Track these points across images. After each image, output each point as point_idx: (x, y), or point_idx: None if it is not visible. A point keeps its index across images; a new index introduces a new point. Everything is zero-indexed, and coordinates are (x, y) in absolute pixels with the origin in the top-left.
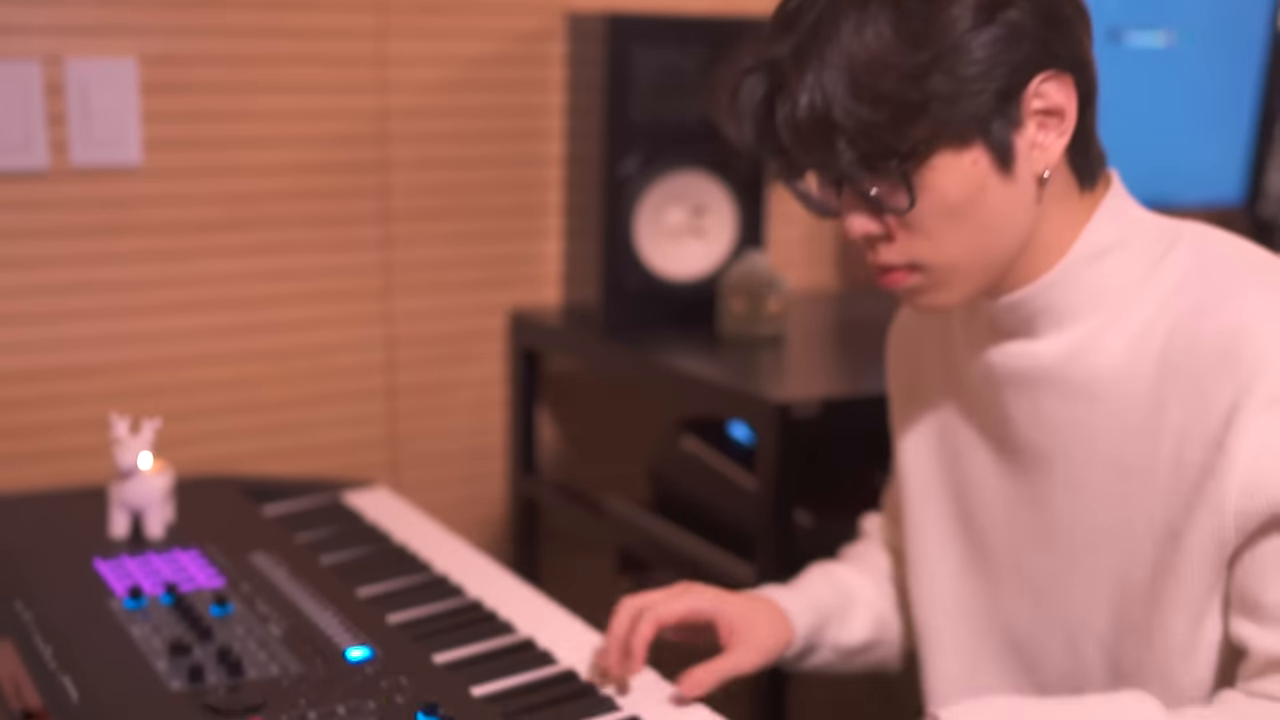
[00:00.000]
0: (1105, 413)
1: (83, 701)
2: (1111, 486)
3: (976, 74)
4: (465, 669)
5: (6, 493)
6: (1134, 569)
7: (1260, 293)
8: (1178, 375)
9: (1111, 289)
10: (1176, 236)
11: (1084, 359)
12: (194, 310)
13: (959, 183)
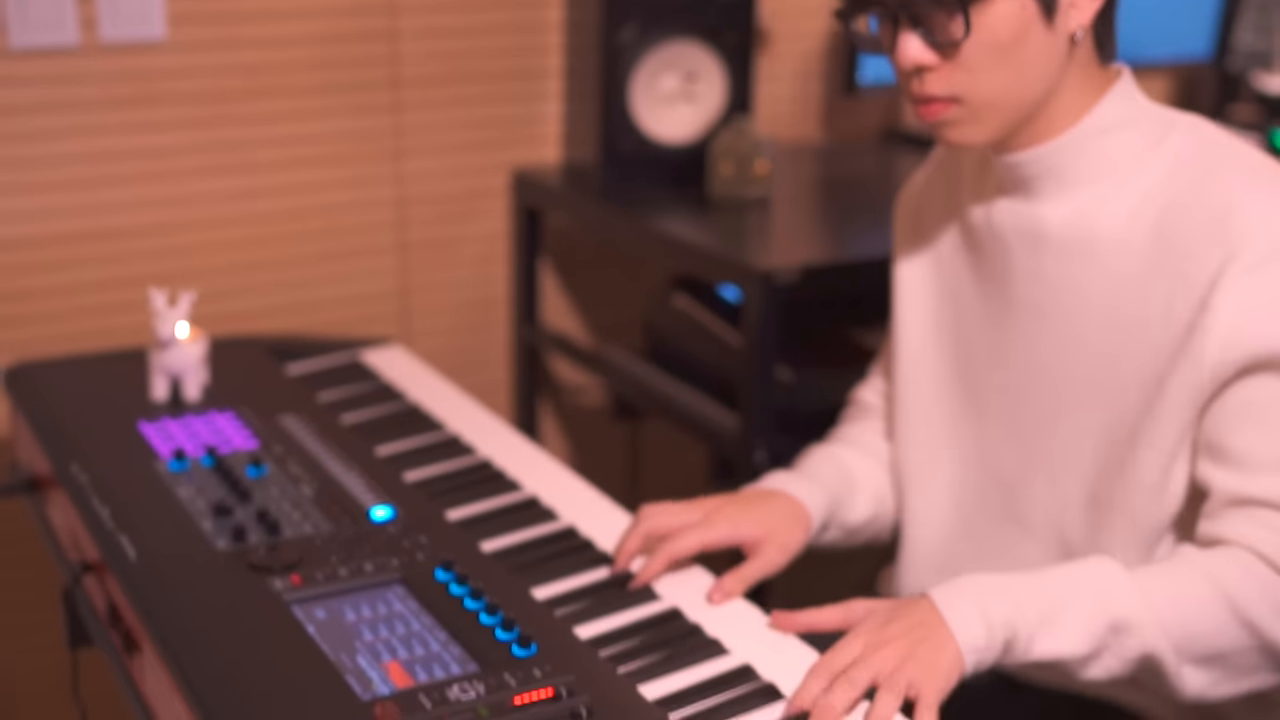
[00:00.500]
0: (1101, 272)
1: (140, 560)
2: (1102, 339)
3: None
4: (476, 526)
5: (51, 357)
6: (1118, 413)
7: (1248, 177)
8: (1171, 243)
9: (1114, 162)
10: (1175, 123)
11: (1084, 223)
12: (216, 175)
13: (1008, 22)
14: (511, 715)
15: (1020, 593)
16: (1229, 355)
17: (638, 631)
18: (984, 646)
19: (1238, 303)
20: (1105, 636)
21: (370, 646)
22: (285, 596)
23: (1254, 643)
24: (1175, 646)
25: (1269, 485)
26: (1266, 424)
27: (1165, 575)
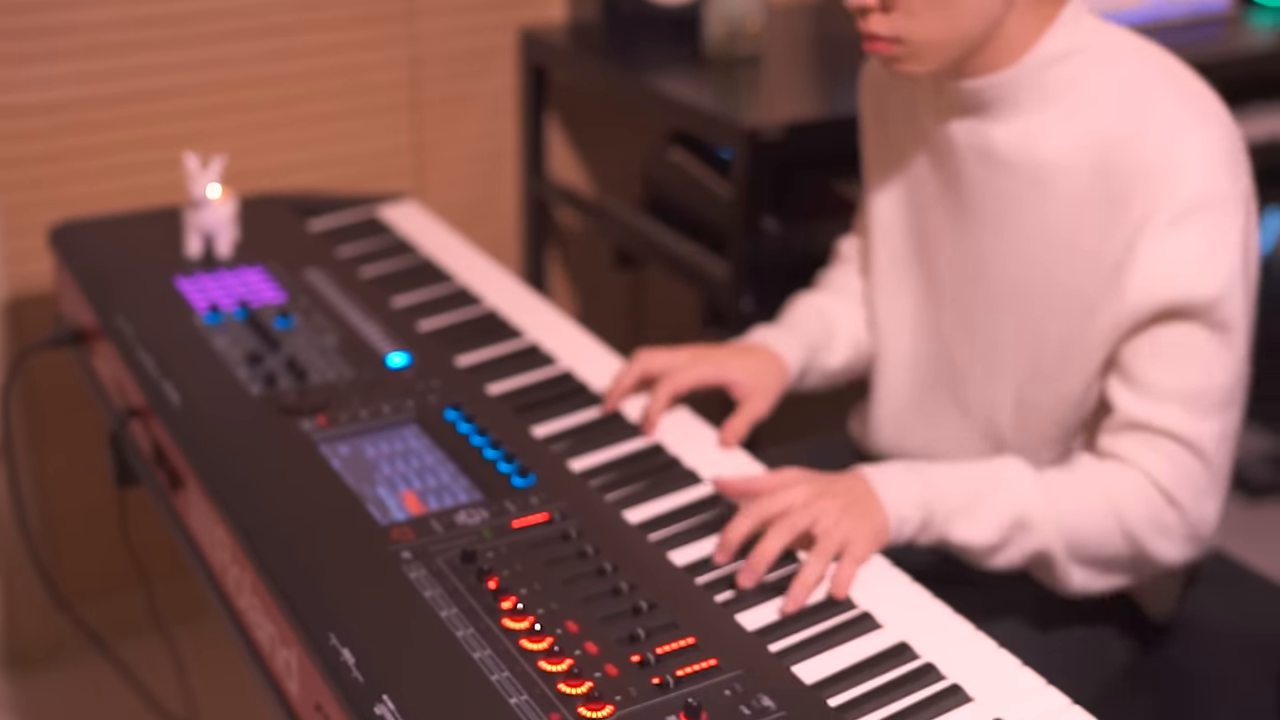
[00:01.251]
0: (1046, 196)
1: (183, 405)
2: (1044, 257)
3: None
4: (482, 370)
5: (92, 216)
6: (1051, 329)
7: (1185, 126)
8: (1110, 183)
9: (1062, 90)
10: (1121, 50)
11: (1032, 146)
12: (238, 39)
13: None
14: (511, 536)
15: (943, 480)
16: (1148, 300)
17: (623, 465)
18: (908, 518)
19: (1159, 252)
20: (1010, 530)
21: (388, 479)
22: (313, 436)
23: (1131, 552)
24: (1067, 548)
25: (1167, 414)
26: (1175, 361)
27: (1068, 484)
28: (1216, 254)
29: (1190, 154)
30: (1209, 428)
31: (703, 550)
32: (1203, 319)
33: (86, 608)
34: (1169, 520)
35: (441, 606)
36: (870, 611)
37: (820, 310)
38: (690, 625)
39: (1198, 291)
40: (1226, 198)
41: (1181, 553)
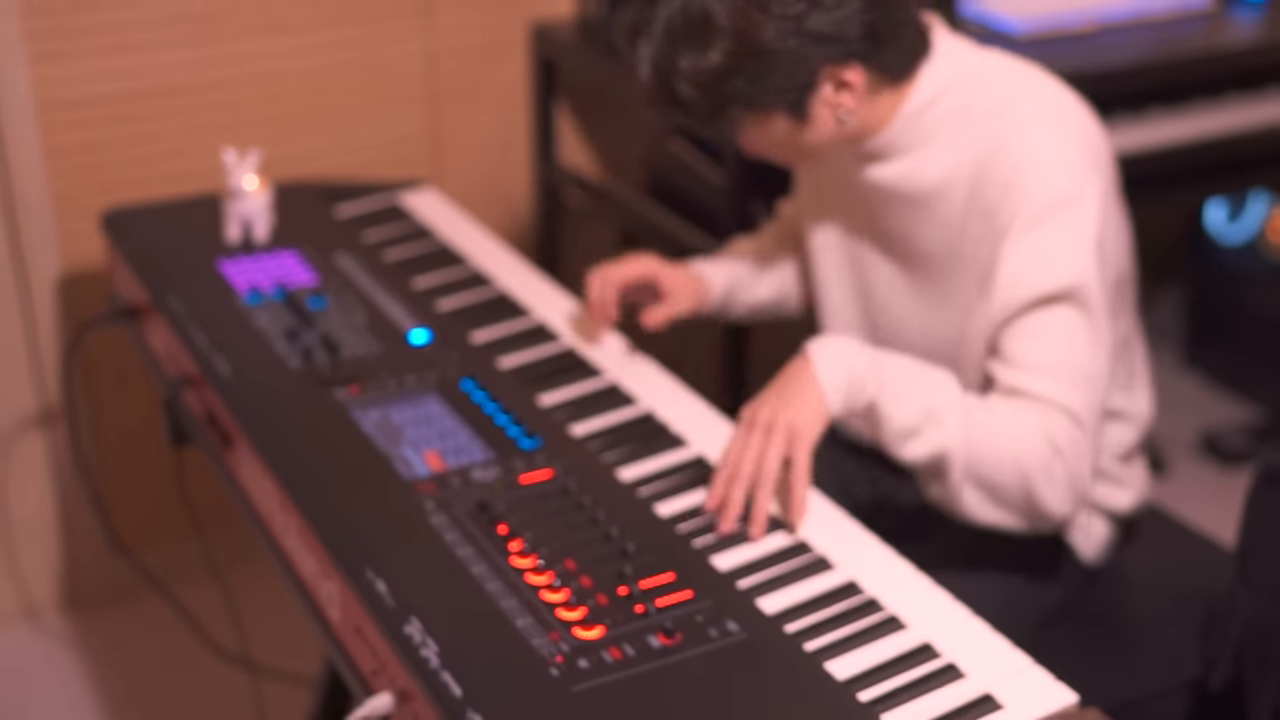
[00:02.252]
0: (935, 216)
1: (233, 375)
2: (938, 264)
3: (776, 78)
4: (495, 346)
5: (140, 202)
6: (952, 327)
7: (1037, 138)
8: (979, 195)
9: (935, 128)
10: (983, 79)
11: (919, 177)
12: (268, 34)
13: (770, 133)
14: (519, 490)
15: (881, 358)
16: (1013, 294)
17: (618, 430)
18: (844, 392)
19: (1017, 252)
20: (924, 420)
21: (413, 440)
22: (346, 403)
23: (1019, 485)
24: (966, 461)
25: (1042, 383)
26: (1043, 338)
27: (986, 405)
28: (1072, 247)
29: (1044, 162)
30: (1081, 397)
31: (684, 503)
32: (1066, 302)
33: (142, 553)
34: (1055, 468)
35: (459, 546)
36: (825, 556)
37: (752, 251)
38: (670, 565)
39: (1057, 281)
40: (1079, 198)
41: (1063, 502)
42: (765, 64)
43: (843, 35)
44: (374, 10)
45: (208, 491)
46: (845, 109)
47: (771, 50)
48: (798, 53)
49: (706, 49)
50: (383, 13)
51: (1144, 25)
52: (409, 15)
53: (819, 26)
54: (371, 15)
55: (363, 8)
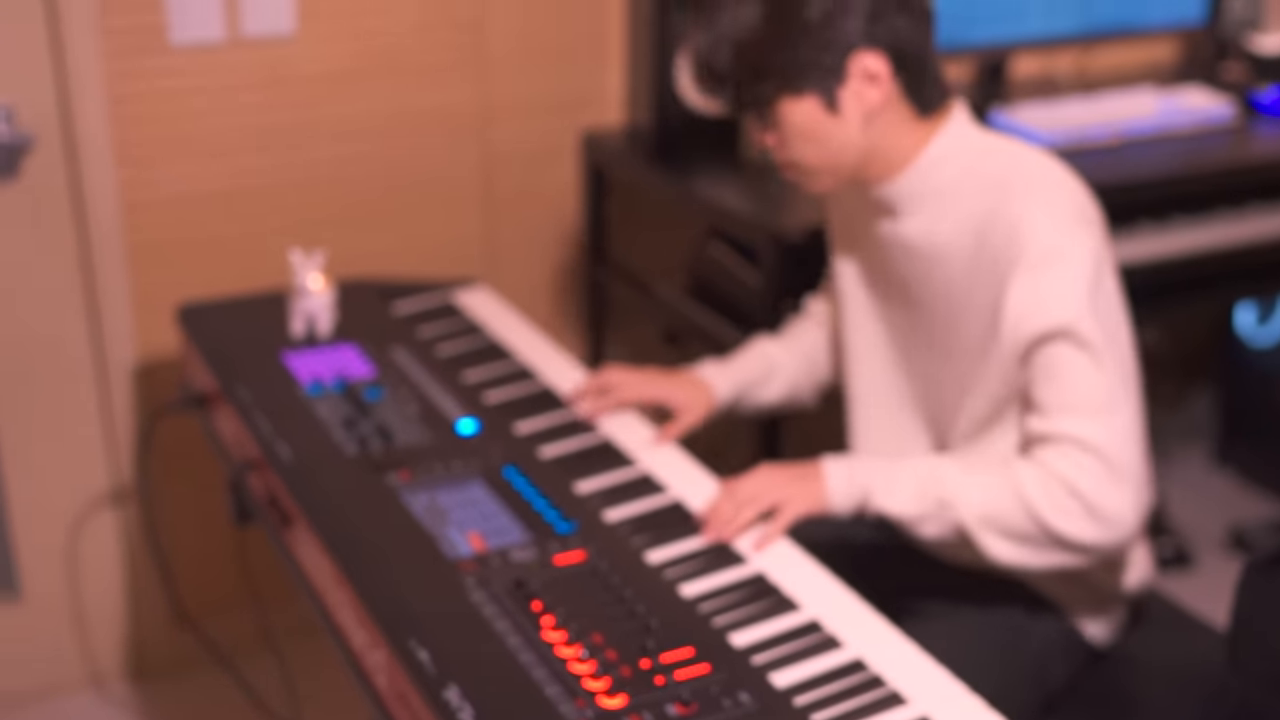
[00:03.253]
0: (942, 270)
1: (294, 460)
2: (952, 316)
3: (810, 52)
4: (537, 436)
5: (212, 297)
6: (962, 372)
7: (1032, 200)
8: (983, 250)
9: (944, 188)
10: (991, 152)
11: (928, 235)
12: (334, 141)
13: (800, 117)
14: (553, 570)
15: (881, 466)
16: (1018, 333)
17: (648, 516)
18: (844, 491)
19: (1020, 295)
20: (932, 507)
21: (457, 523)
22: (397, 488)
23: (1038, 529)
24: (980, 521)
25: (1058, 422)
26: (1053, 379)
27: (986, 474)
28: (1065, 291)
29: (1041, 217)
30: (1094, 427)
31: (707, 585)
32: (1065, 340)
33: (204, 626)
34: (1069, 504)
35: (496, 620)
36: (835, 635)
37: (766, 354)
38: (690, 640)
39: (1052, 321)
40: (1070, 251)
41: (1092, 533)
42: (802, 34)
43: (875, 20)
44: (435, 119)
45: (267, 568)
46: (872, 105)
47: (809, 21)
48: (831, 27)
49: (749, 20)
50: (443, 121)
51: (1168, 139)
52: (468, 124)
53: (855, 9)
54: (433, 124)
55: (424, 117)
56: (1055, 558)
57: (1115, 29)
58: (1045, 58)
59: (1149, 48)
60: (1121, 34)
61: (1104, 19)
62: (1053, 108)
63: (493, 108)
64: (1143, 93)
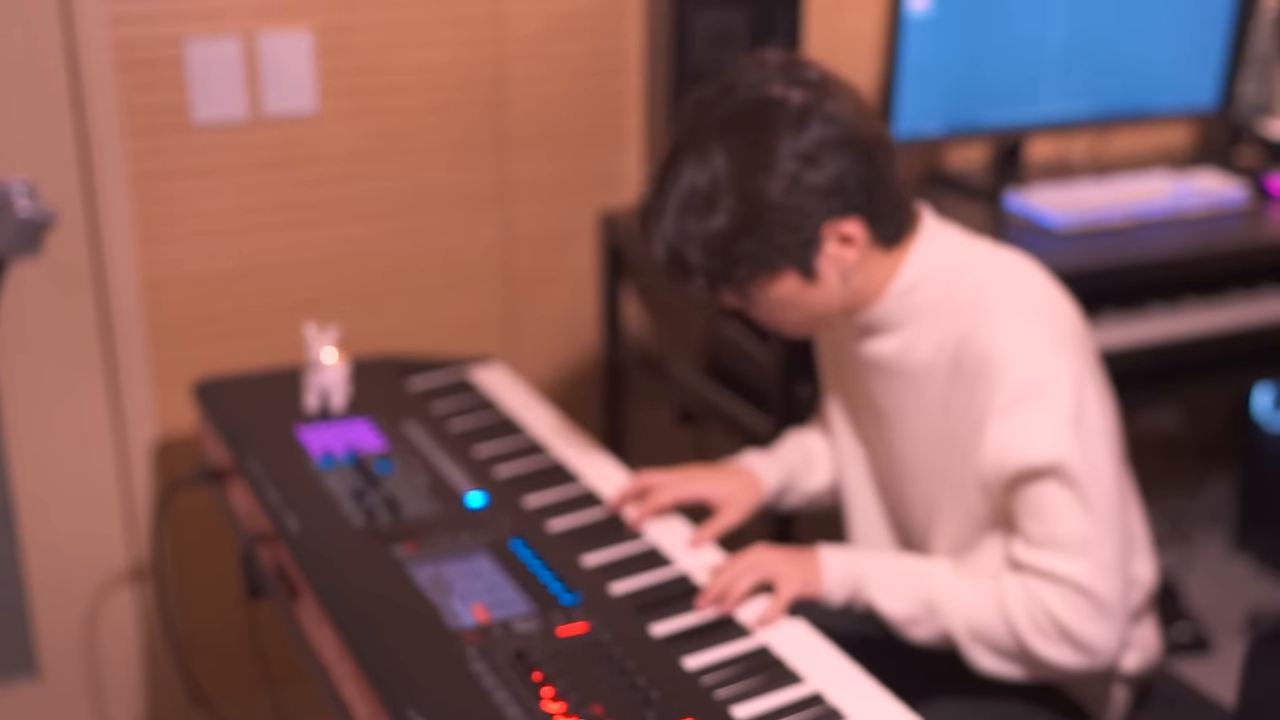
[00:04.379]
0: (918, 392)
1: (301, 532)
2: (925, 438)
3: (782, 234)
4: (546, 510)
5: (229, 373)
6: (937, 491)
7: (1009, 324)
8: (959, 377)
9: (920, 311)
10: (963, 269)
11: (905, 356)
12: (354, 220)
13: (779, 292)
14: (556, 642)
15: (877, 562)
16: (999, 470)
17: (654, 589)
18: (838, 579)
19: (999, 433)
20: (921, 610)
21: (462, 594)
22: (403, 559)
23: (1018, 648)
24: (968, 632)
25: (1042, 558)
26: (1040, 515)
27: (975, 585)
28: (1046, 429)
29: (1016, 346)
30: (1079, 566)
31: (711, 658)
32: (1049, 478)
33: (221, 705)
34: (1049, 629)
35: (496, 691)
36: (838, 708)
37: (804, 443)
38: (691, 713)
39: (1035, 460)
40: (1050, 377)
41: (1073, 659)
42: (772, 222)
43: (841, 189)
44: (453, 199)
45: (283, 645)
46: (848, 264)
47: (776, 207)
48: (801, 208)
49: (715, 214)
50: (462, 201)
51: (1181, 221)
52: (487, 204)
53: (817, 182)
54: (451, 204)
55: (443, 197)
56: (1036, 674)
57: (1129, 113)
58: (1060, 141)
59: (1163, 132)
60: (1135, 117)
61: (1118, 103)
62: (1066, 190)
63: (512, 187)
64: (1156, 176)
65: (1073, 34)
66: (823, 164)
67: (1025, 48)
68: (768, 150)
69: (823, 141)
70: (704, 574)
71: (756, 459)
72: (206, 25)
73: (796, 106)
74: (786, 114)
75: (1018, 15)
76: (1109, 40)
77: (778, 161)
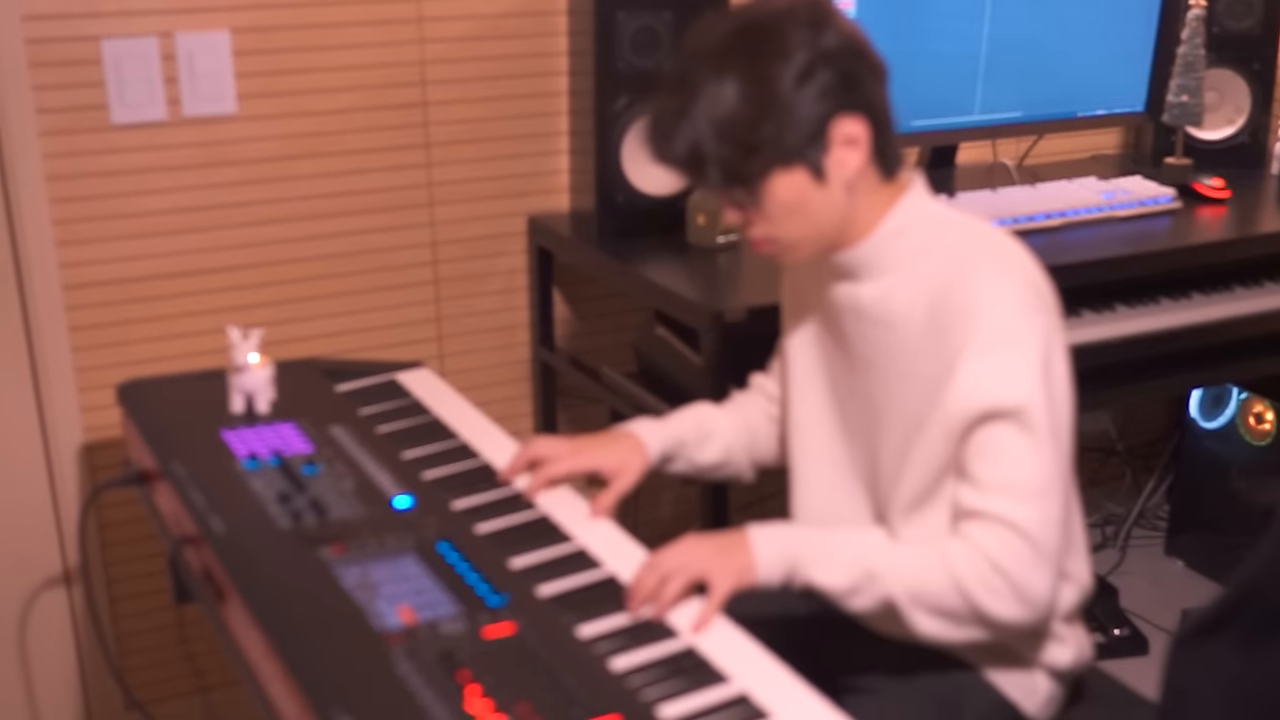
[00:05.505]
0: (895, 338)
1: (226, 533)
2: (900, 387)
3: (796, 122)
4: (474, 512)
5: (152, 375)
6: (908, 434)
7: (987, 278)
8: (937, 323)
9: (903, 257)
10: (948, 225)
11: (885, 301)
12: (280, 223)
13: (788, 190)
14: (482, 643)
15: (811, 536)
16: (965, 409)
17: (581, 591)
18: (772, 561)
19: (970, 373)
20: (861, 579)
21: (389, 596)
22: (329, 561)
23: (967, 606)
24: (910, 597)
25: (991, 501)
26: (993, 457)
27: (913, 548)
28: (1015, 372)
29: (995, 298)
30: (1028, 511)
31: (639, 658)
32: (1011, 421)
33: (154, 709)
34: (996, 583)
35: (421, 692)
36: (763, 706)
37: (705, 416)
38: (617, 712)
39: (1002, 400)
40: (1021, 331)
41: (1015, 612)
42: (786, 109)
43: (850, 88)
44: (382, 202)
45: (214, 648)
46: (852, 171)
47: (788, 93)
48: (812, 99)
49: (733, 101)
50: (390, 204)
51: (1110, 222)
52: (413, 208)
53: (828, 78)
54: (380, 206)
55: (369, 199)
56: (975, 632)
57: (1059, 117)
58: (990, 146)
59: (1092, 137)
60: (1065, 123)
61: (1048, 108)
62: (995, 195)
63: (440, 190)
64: (1085, 180)
65: (1001, 39)
66: (833, 62)
67: (953, 52)
68: (781, 42)
69: (831, 45)
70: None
71: (644, 424)
72: (123, 24)
73: (807, 16)
74: (798, 19)
75: (944, 19)
76: (1037, 45)
77: (792, 52)
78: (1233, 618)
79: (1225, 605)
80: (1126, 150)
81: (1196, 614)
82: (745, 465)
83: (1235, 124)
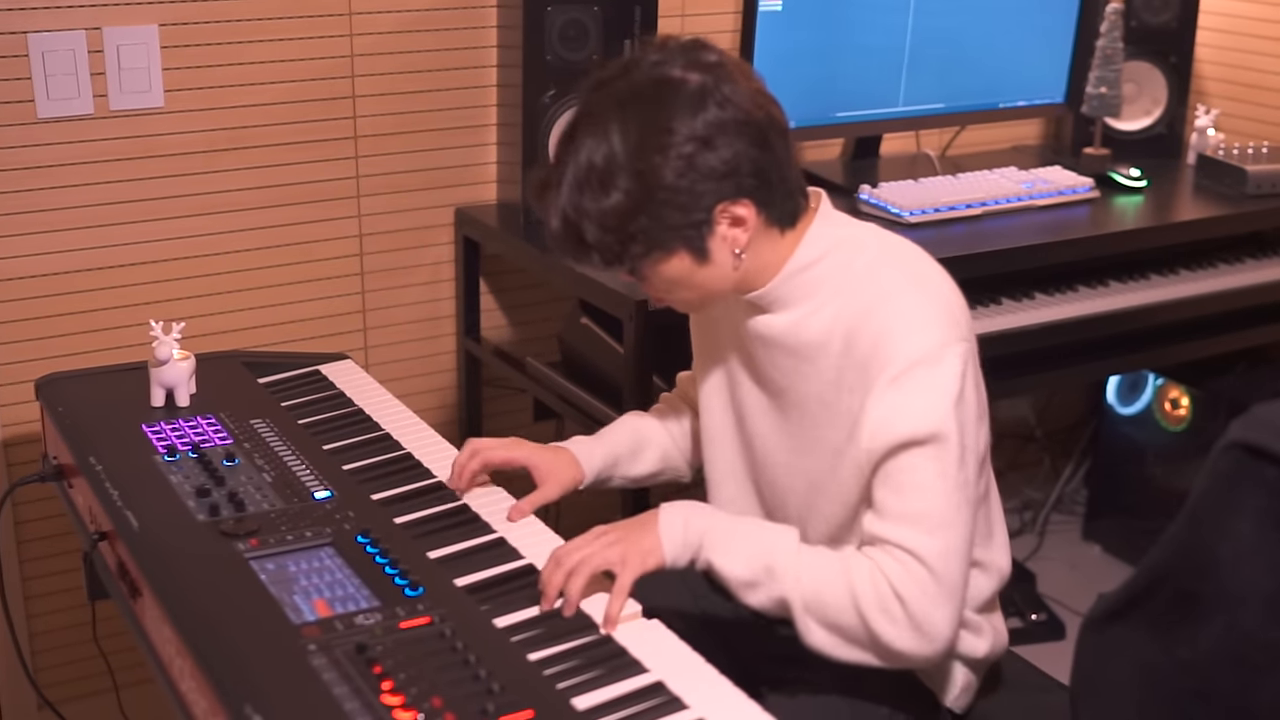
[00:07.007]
0: (810, 368)
1: (141, 528)
2: (814, 412)
3: (674, 213)
4: (393, 504)
5: (71, 369)
6: (822, 467)
7: (903, 305)
8: (851, 353)
9: (814, 287)
10: (860, 249)
11: (798, 332)
12: (206, 216)
13: (672, 270)
14: (398, 635)
15: (722, 521)
16: (874, 442)
17: (499, 581)
18: (680, 542)
19: (880, 405)
20: (760, 574)
21: (304, 589)
22: (245, 555)
23: (860, 626)
24: (804, 604)
25: (896, 531)
26: (898, 487)
27: (819, 555)
28: (927, 402)
29: (909, 324)
30: (931, 543)
31: (555, 649)
32: (919, 451)
33: (67, 708)
34: (894, 609)
35: (335, 685)
36: (680, 696)
37: (636, 428)
38: (532, 704)
39: (913, 432)
40: (938, 354)
41: (909, 643)
42: (665, 201)
43: (734, 172)
44: (308, 194)
45: (128, 644)
46: (740, 245)
47: (669, 187)
48: (694, 189)
49: (611, 191)
50: (316, 196)
51: (1029, 210)
52: (341, 200)
53: (711, 164)
54: (305, 199)
55: (296, 192)
56: (866, 657)
57: (979, 109)
58: (914, 137)
59: (1013, 128)
60: (987, 114)
61: (970, 100)
62: (918, 185)
63: (367, 182)
64: (1006, 170)
65: (924, 32)
66: (717, 146)
67: (877, 45)
68: (664, 131)
69: (718, 124)
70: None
71: (582, 443)
72: (51, 19)
73: (694, 88)
74: (684, 95)
75: (869, 12)
76: (960, 38)
77: (673, 143)
78: (1143, 601)
79: (1135, 589)
80: (1046, 141)
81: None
82: (683, 468)
83: (1152, 115)
